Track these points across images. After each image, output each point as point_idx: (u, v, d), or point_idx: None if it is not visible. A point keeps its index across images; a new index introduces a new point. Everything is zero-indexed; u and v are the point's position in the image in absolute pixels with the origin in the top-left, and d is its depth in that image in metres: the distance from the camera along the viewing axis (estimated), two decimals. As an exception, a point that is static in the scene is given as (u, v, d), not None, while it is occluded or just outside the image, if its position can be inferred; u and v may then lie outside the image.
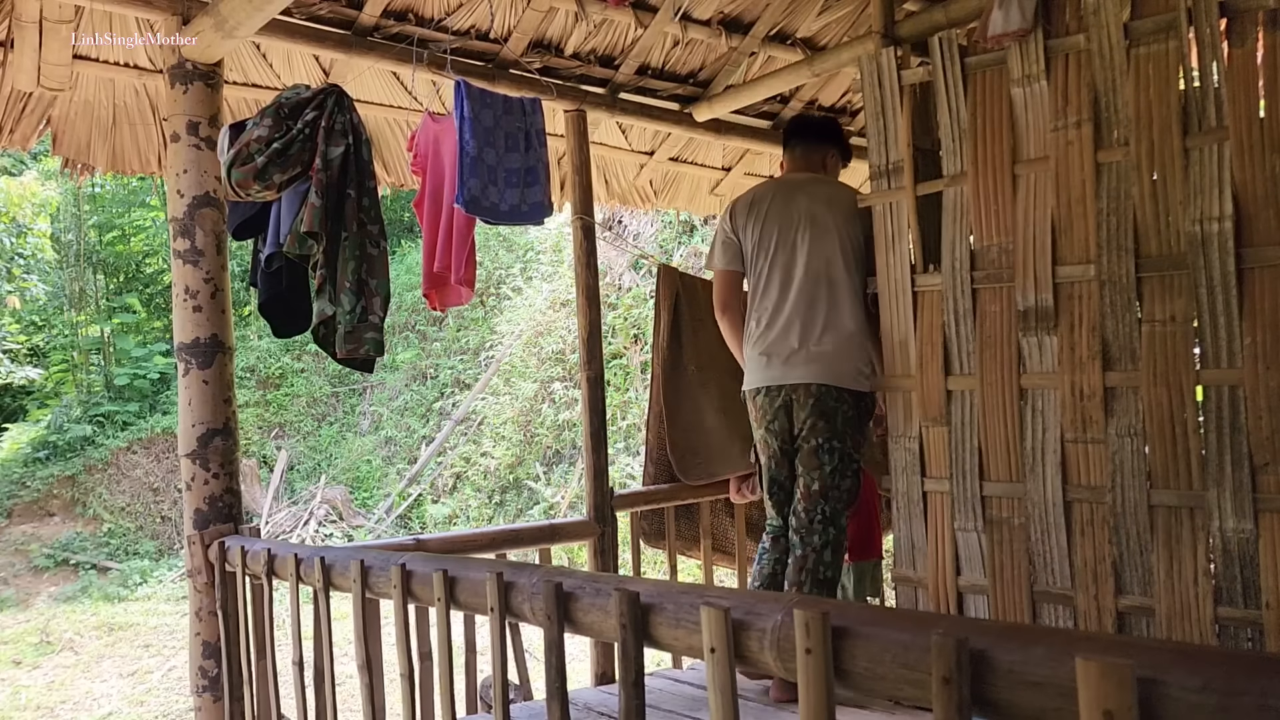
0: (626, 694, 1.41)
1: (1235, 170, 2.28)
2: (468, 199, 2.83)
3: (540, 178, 3.05)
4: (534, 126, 3.05)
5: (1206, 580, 2.32)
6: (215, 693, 2.68)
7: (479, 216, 2.96)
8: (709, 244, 4.14)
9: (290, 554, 2.30)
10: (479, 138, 2.86)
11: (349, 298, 2.64)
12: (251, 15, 2.52)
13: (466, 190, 2.83)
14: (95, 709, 6.39)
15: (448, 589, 1.76)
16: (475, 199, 2.85)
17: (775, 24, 3.86)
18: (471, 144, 2.82)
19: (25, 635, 8.11)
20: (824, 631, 1.13)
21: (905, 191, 2.83)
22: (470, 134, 2.83)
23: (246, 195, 2.65)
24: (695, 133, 4.21)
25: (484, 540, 3.41)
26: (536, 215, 3.10)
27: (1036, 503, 2.58)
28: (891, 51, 2.92)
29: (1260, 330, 2.24)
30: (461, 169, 2.84)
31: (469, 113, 2.84)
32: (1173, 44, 2.37)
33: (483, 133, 2.87)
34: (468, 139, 2.82)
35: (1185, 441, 2.35)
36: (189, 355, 2.72)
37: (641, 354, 9.40)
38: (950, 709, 1.01)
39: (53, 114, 3.08)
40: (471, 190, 2.83)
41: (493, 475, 10.24)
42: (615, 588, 1.41)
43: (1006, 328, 2.63)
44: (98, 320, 13.41)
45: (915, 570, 2.84)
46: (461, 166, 2.84)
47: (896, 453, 2.88)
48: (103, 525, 10.84)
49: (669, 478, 4.05)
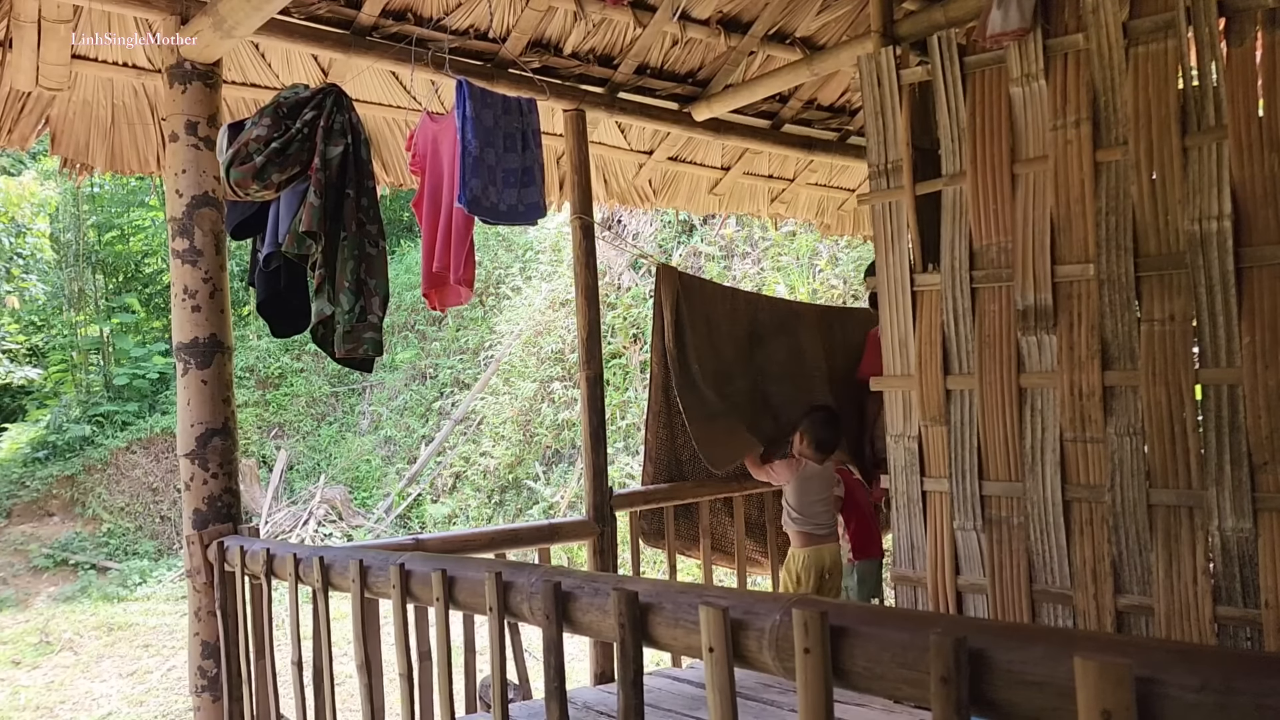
0: (625, 693, 1.41)
1: (1234, 169, 2.28)
2: (470, 199, 2.83)
3: (536, 178, 3.04)
4: (530, 126, 3.05)
5: (1205, 579, 2.32)
6: (214, 692, 2.68)
7: (479, 216, 2.96)
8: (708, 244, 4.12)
9: (289, 554, 2.30)
10: (480, 137, 2.86)
11: (348, 297, 2.64)
12: (250, 15, 2.52)
13: (469, 190, 2.82)
14: (94, 709, 6.39)
15: (446, 589, 1.76)
16: (477, 199, 2.85)
17: (774, 23, 3.85)
18: (474, 144, 2.82)
19: (24, 635, 8.10)
20: (822, 631, 1.13)
21: (904, 191, 2.83)
22: (472, 134, 2.83)
23: (245, 195, 2.65)
24: (694, 132, 4.21)
25: (483, 540, 3.41)
26: (532, 215, 3.10)
27: (1035, 502, 2.58)
28: (890, 51, 2.92)
29: (1259, 329, 2.24)
30: (464, 169, 2.83)
31: (471, 112, 2.84)
32: (1171, 43, 2.37)
33: (484, 132, 2.87)
34: (470, 139, 2.82)
35: (1184, 440, 2.35)
36: (188, 355, 2.72)
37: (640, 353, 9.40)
38: (949, 708, 1.01)
39: (51, 113, 3.07)
40: (473, 190, 2.82)
41: (492, 475, 10.24)
42: (614, 587, 1.41)
43: (1006, 327, 2.63)
44: (97, 320, 13.40)
45: (914, 569, 2.84)
46: (464, 166, 2.83)
47: (896, 452, 2.87)
48: (102, 525, 10.84)
49: (668, 477, 4.05)
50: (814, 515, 3.88)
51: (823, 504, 3.91)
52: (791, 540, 3.93)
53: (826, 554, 3.88)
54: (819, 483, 3.91)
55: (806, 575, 3.88)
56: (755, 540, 4.26)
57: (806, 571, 3.88)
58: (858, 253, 8.61)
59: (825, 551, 3.88)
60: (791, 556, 3.91)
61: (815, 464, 3.90)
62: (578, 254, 3.74)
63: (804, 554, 3.88)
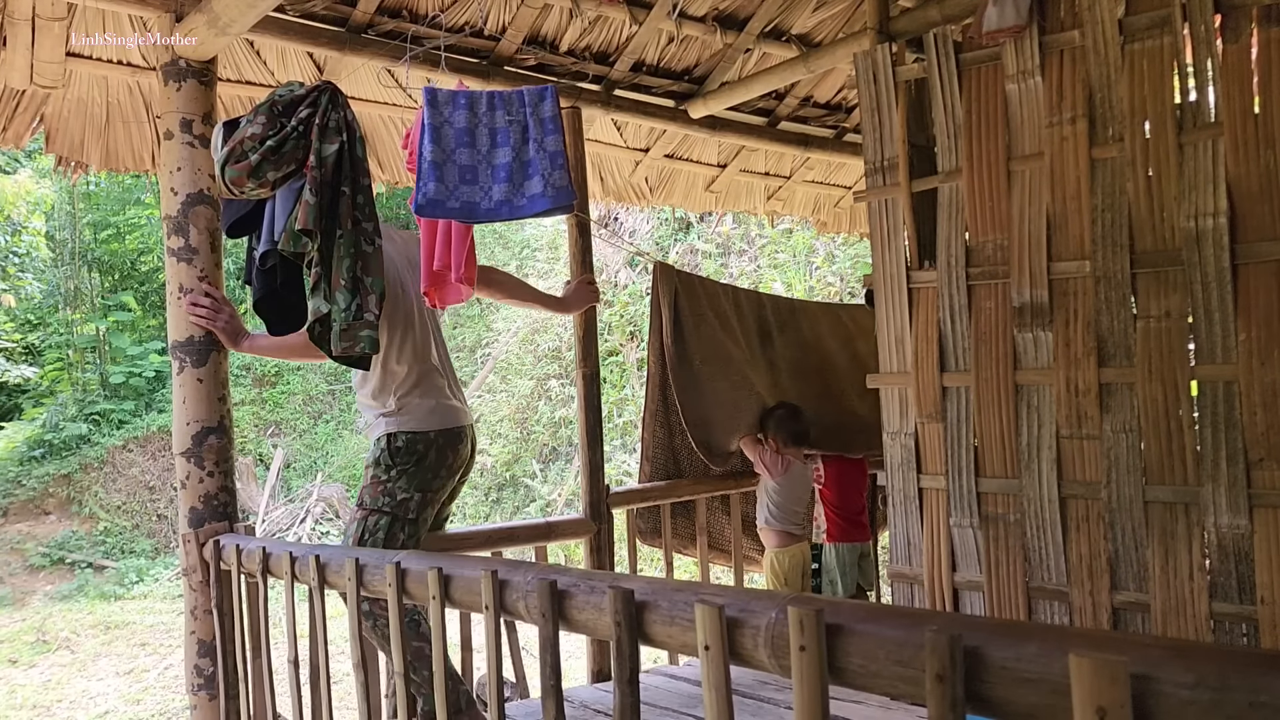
0: (622, 691, 1.41)
1: (1230, 166, 2.28)
2: (422, 202, 2.81)
3: (539, 168, 2.97)
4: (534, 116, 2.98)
5: (1201, 576, 2.33)
6: (211, 691, 2.67)
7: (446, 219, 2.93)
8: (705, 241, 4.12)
9: (285, 552, 2.29)
10: (448, 140, 2.84)
11: (344, 295, 2.63)
12: (245, 12, 2.51)
13: (422, 194, 2.81)
14: (91, 707, 6.39)
15: (442, 587, 1.76)
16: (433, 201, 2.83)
17: (770, 20, 3.85)
18: (430, 148, 2.81)
19: (21, 634, 8.10)
20: (818, 628, 1.12)
21: (900, 188, 2.83)
22: (430, 139, 2.82)
23: (240, 193, 2.64)
24: (690, 129, 4.20)
25: (480, 538, 3.41)
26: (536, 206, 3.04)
27: (1032, 499, 2.58)
28: (886, 48, 2.91)
29: (1255, 325, 2.25)
30: (419, 173, 2.83)
31: (430, 119, 2.83)
32: (1167, 40, 2.37)
33: (454, 135, 2.85)
34: (426, 144, 2.81)
35: (1180, 437, 2.35)
36: (183, 353, 2.71)
37: (637, 351, 9.39)
38: (944, 706, 1.01)
39: (46, 111, 3.07)
40: (427, 194, 2.81)
41: (489, 473, 10.24)
42: (610, 585, 1.41)
43: (1002, 324, 2.63)
44: (93, 318, 13.38)
45: (911, 566, 2.84)
46: (419, 170, 2.83)
47: (892, 449, 2.88)
48: (99, 524, 10.83)
49: (665, 475, 4.05)
50: (793, 516, 3.94)
51: (803, 505, 3.98)
52: (770, 540, 3.96)
53: (802, 553, 3.96)
54: (801, 484, 3.97)
55: (795, 574, 3.91)
56: (752, 538, 4.26)
57: (795, 570, 3.91)
58: (854, 250, 8.62)
59: (801, 550, 3.96)
60: (775, 557, 3.93)
61: (799, 462, 3.95)
62: (574, 252, 3.73)
63: (787, 554, 3.91)
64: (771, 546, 3.94)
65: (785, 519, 3.91)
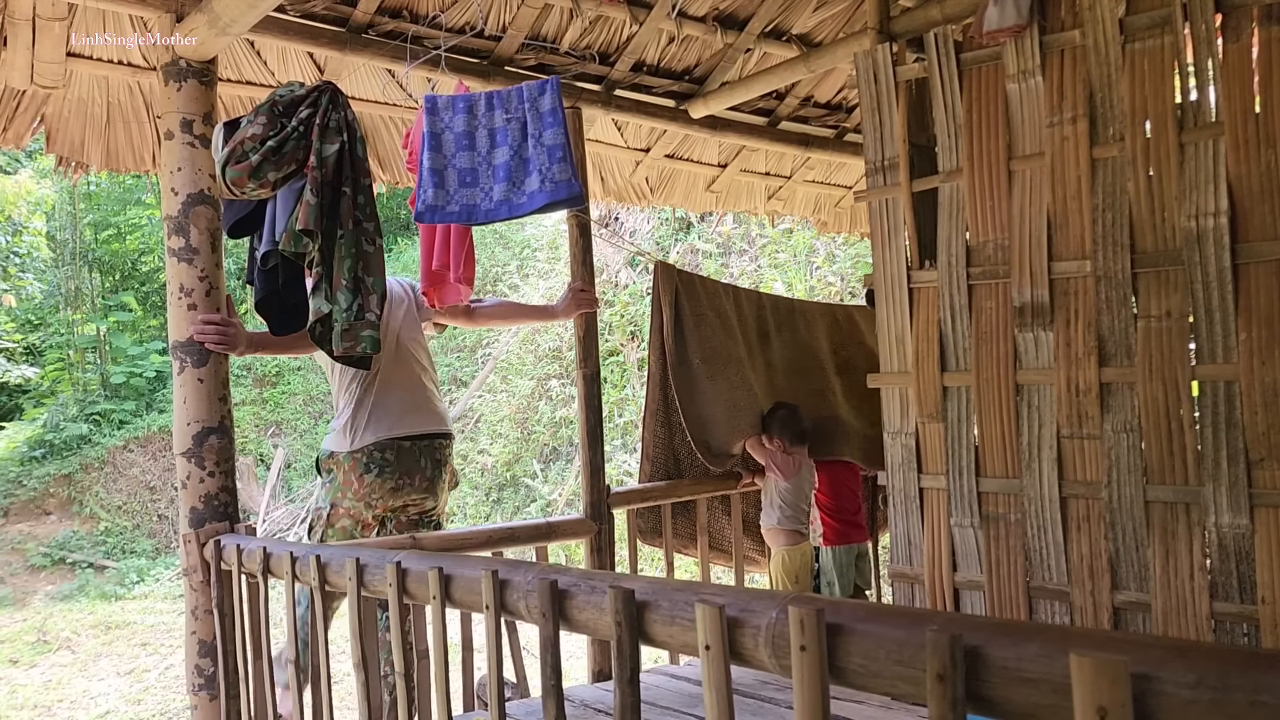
0: (622, 691, 1.41)
1: (1230, 165, 2.28)
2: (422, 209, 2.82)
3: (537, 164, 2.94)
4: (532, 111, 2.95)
5: (1202, 575, 2.33)
6: (211, 691, 2.67)
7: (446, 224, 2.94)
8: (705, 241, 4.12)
9: (286, 552, 2.29)
10: (448, 146, 2.84)
11: (345, 295, 2.63)
12: (246, 12, 2.51)
13: (422, 200, 2.81)
14: (92, 708, 6.38)
15: (443, 587, 1.76)
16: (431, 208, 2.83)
17: (771, 20, 3.85)
18: (428, 156, 2.82)
19: (22, 634, 8.10)
20: (818, 628, 1.12)
21: (901, 188, 2.83)
22: (428, 147, 2.82)
23: (241, 193, 2.64)
24: (691, 129, 4.20)
25: (480, 538, 3.40)
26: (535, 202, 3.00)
27: (1032, 498, 2.58)
28: (887, 47, 2.91)
29: (1255, 325, 2.24)
30: (420, 179, 2.84)
31: (428, 128, 2.84)
32: (1168, 39, 2.37)
33: (454, 139, 2.86)
34: (425, 152, 2.82)
35: (1181, 437, 2.35)
36: (184, 353, 2.71)
37: (638, 351, 9.39)
38: (945, 705, 1.01)
39: (46, 111, 3.07)
40: (426, 200, 2.81)
41: (490, 473, 10.24)
42: (610, 585, 1.41)
43: (1002, 323, 2.63)
44: (93, 319, 13.38)
45: (912, 566, 2.84)
46: (420, 176, 2.83)
47: (893, 449, 2.88)
48: (99, 524, 10.83)
49: (665, 475, 4.05)
50: (801, 515, 3.96)
51: (808, 503, 4.00)
52: (780, 540, 3.95)
53: (809, 551, 3.99)
54: (808, 482, 3.99)
55: (805, 573, 3.92)
56: (752, 538, 4.26)
57: (805, 569, 3.92)
58: (855, 250, 8.61)
59: (807, 548, 3.98)
60: (785, 555, 3.92)
61: (807, 461, 3.97)
62: (574, 251, 3.73)
63: (798, 552, 3.91)
64: (782, 546, 3.94)
65: (796, 518, 3.92)
